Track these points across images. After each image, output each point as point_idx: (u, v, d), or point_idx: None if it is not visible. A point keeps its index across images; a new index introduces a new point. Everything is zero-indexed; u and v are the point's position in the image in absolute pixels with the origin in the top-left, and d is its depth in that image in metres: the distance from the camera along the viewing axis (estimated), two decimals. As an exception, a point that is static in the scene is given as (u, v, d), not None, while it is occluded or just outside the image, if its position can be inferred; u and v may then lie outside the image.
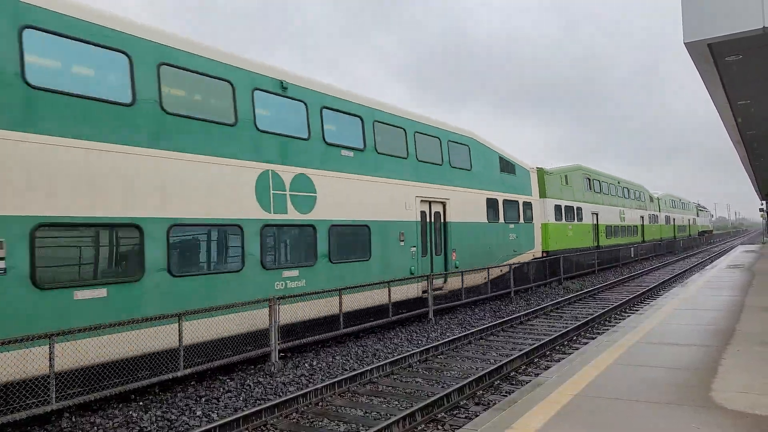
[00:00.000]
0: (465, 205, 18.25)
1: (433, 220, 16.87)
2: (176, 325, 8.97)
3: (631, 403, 5.91)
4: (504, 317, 16.23)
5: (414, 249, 15.81)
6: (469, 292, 17.63)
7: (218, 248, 10.59)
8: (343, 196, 13.31)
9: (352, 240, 13.65)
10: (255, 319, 10.49)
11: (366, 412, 8.14)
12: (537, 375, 9.74)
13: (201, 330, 9.49)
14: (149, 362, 8.95)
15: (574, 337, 13.28)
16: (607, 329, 13.01)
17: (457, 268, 17.52)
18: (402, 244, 15.31)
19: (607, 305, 18.06)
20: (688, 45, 7.07)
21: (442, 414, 7.93)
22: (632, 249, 35.46)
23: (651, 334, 9.57)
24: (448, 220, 17.41)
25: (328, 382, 8.98)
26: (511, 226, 21.32)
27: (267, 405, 7.90)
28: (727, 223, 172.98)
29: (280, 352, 10.74)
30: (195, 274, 9.93)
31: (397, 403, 8.56)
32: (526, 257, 22.25)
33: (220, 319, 9.92)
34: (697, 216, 69.00)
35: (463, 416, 7.85)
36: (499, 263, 19.64)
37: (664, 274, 28.88)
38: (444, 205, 17.32)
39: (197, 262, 10.18)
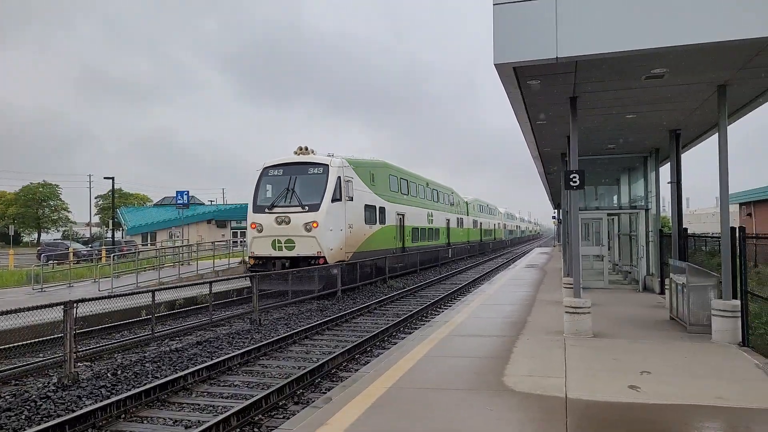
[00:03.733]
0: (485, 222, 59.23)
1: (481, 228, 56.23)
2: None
3: (439, 391, 6.33)
4: (330, 316, 16.46)
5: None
6: (300, 293, 17.63)
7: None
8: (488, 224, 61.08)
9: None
10: None
11: (176, 422, 7.61)
12: (356, 371, 9.98)
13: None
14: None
15: (394, 333, 13.92)
16: (423, 324, 13.85)
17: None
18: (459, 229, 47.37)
19: (426, 302, 19.27)
20: (497, 66, 7.79)
21: (260, 416, 7.74)
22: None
23: (460, 328, 10.41)
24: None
25: (133, 392, 8.23)
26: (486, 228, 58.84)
27: (54, 422, 6.97)
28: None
29: (77, 361, 9.60)
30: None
31: (212, 409, 8.15)
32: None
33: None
34: (506, 221, 78.39)
35: (281, 416, 7.74)
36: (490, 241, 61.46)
37: (475, 273, 31.74)
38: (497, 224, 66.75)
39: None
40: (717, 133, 8.97)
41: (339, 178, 21.27)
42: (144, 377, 9.92)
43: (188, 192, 33.52)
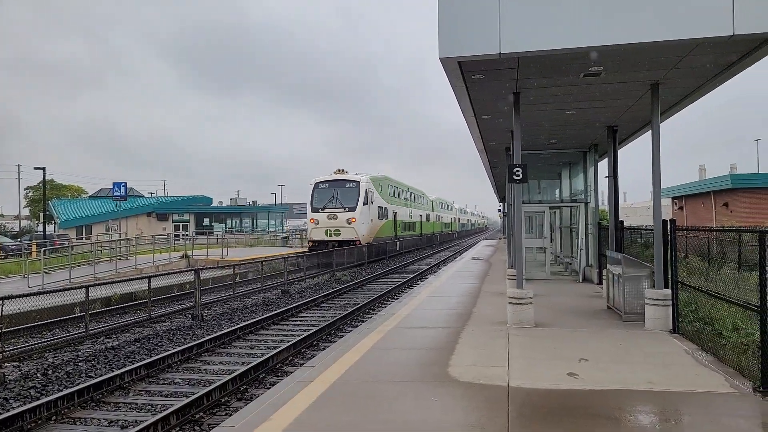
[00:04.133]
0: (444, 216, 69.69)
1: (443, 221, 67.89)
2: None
3: (384, 384, 6.34)
4: (275, 310, 16.22)
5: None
6: (244, 284, 17.27)
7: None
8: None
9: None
10: None
11: (111, 422, 7.31)
12: (302, 365, 9.88)
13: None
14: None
15: (341, 326, 13.87)
16: (371, 316, 13.87)
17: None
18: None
19: (373, 294, 19.31)
20: (442, 60, 7.83)
21: (201, 414, 7.54)
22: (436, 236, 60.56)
23: (407, 319, 10.47)
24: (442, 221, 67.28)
25: (65, 392, 7.84)
26: (445, 222, 70.25)
27: (-20, 426, 6.56)
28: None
29: (4, 361, 9.06)
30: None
31: (150, 407, 7.88)
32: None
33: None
34: (459, 215, 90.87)
35: (224, 414, 7.57)
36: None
37: (423, 266, 32.06)
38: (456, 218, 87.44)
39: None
40: (651, 130, 9.37)
41: (366, 190, 32.77)
42: (77, 377, 9.49)
43: (126, 183, 32.25)
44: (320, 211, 31.91)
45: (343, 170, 34.02)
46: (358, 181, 32.74)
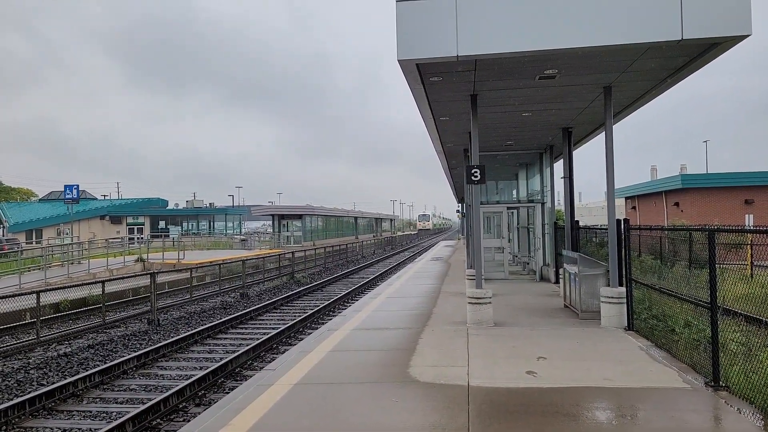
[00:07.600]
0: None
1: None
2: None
3: (345, 386, 6.32)
4: (233, 314, 15.97)
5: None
6: (201, 288, 16.97)
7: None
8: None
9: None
10: None
11: (64, 431, 7.05)
12: (262, 368, 9.75)
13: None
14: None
15: (301, 329, 13.76)
16: (331, 318, 13.79)
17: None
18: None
19: (333, 297, 19.24)
20: (401, 62, 7.88)
21: (158, 420, 7.35)
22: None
23: (367, 321, 10.46)
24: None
25: (16, 401, 7.53)
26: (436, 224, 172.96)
27: None
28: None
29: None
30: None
31: (105, 415, 7.64)
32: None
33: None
34: (436, 220, 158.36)
35: (182, 419, 7.40)
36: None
37: (382, 267, 32.14)
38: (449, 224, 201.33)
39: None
40: (604, 132, 9.64)
41: (431, 216, 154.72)
42: (28, 385, 9.12)
43: (78, 186, 31.13)
44: (420, 221, 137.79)
45: (425, 209, 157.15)
46: (429, 214, 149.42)
